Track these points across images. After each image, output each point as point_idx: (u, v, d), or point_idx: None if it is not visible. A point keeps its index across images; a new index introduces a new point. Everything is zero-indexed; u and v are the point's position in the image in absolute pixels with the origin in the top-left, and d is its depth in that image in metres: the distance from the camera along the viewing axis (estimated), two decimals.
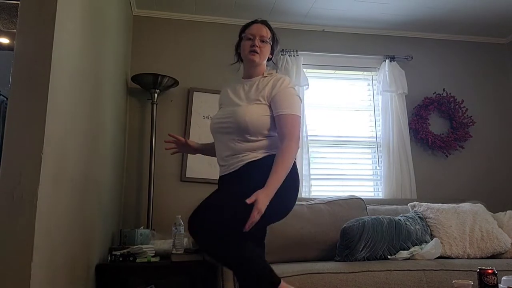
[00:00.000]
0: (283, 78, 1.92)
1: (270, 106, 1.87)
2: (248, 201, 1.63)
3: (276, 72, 2.04)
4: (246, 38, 1.97)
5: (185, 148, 2.15)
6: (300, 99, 1.99)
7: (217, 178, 2.00)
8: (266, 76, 1.96)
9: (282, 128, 1.81)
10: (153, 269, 2.43)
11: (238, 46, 2.05)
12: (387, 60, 3.69)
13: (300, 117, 1.88)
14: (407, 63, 3.79)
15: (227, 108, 1.95)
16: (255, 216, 1.63)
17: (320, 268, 2.27)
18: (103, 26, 2.32)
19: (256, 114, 1.84)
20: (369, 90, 3.82)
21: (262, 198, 1.65)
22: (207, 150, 2.17)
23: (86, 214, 2.04)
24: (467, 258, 2.71)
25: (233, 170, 1.85)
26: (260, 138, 1.85)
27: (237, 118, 1.85)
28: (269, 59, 2.04)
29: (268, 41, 1.97)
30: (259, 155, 1.84)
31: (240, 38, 2.03)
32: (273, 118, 1.86)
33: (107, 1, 2.42)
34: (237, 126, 1.85)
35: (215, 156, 2.04)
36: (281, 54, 3.52)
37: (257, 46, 1.93)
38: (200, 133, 3.33)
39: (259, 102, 1.87)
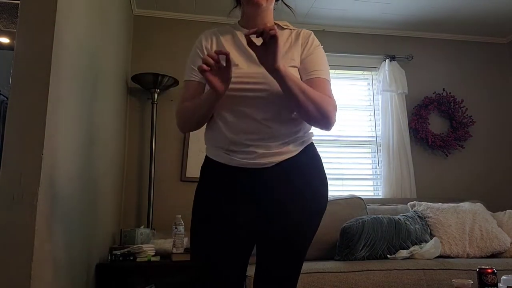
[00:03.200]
0: (312, 33, 1.49)
1: (299, 70, 1.41)
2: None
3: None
4: None
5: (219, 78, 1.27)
6: None
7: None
8: (285, 28, 1.47)
9: (320, 91, 1.35)
10: (153, 269, 2.44)
11: None
12: (387, 60, 3.69)
13: None
14: (407, 63, 3.79)
15: (246, 68, 1.35)
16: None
17: (320, 267, 2.28)
18: (103, 25, 2.33)
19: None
20: (369, 89, 3.82)
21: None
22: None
23: (86, 214, 2.04)
24: (467, 258, 2.72)
25: (261, 167, 1.33)
26: (293, 116, 1.36)
27: (274, 83, 1.28)
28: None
29: None
30: (296, 148, 1.36)
31: None
32: None
33: (107, 0, 2.43)
34: (275, 97, 1.31)
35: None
36: None
37: None
38: (200, 134, 3.32)
39: (293, 65, 1.39)
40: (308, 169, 1.38)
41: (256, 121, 1.32)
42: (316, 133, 1.45)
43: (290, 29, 1.47)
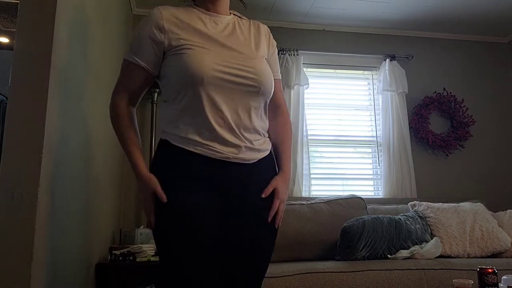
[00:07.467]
0: (268, 28, 1.51)
1: None
2: (265, 194, 1.28)
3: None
4: None
5: None
6: None
7: None
8: (243, 19, 1.48)
9: (279, 94, 1.46)
10: (153, 269, 2.43)
11: None
12: (387, 59, 3.68)
13: None
14: (408, 62, 3.79)
15: (229, 51, 1.31)
16: (282, 207, 1.31)
17: (320, 267, 2.28)
18: (103, 25, 2.32)
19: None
20: (369, 89, 3.82)
21: (284, 187, 1.32)
22: None
23: (86, 214, 2.04)
24: (467, 257, 2.71)
25: (246, 162, 1.28)
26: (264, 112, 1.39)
27: (265, 79, 1.32)
28: None
29: None
30: (268, 146, 1.37)
31: None
32: None
33: (107, 0, 2.42)
34: (262, 90, 1.31)
35: None
36: (281, 53, 3.52)
37: None
38: None
39: (265, 57, 1.41)
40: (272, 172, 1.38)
41: (246, 112, 1.28)
42: (316, 133, 1.46)
43: (243, 18, 1.49)
